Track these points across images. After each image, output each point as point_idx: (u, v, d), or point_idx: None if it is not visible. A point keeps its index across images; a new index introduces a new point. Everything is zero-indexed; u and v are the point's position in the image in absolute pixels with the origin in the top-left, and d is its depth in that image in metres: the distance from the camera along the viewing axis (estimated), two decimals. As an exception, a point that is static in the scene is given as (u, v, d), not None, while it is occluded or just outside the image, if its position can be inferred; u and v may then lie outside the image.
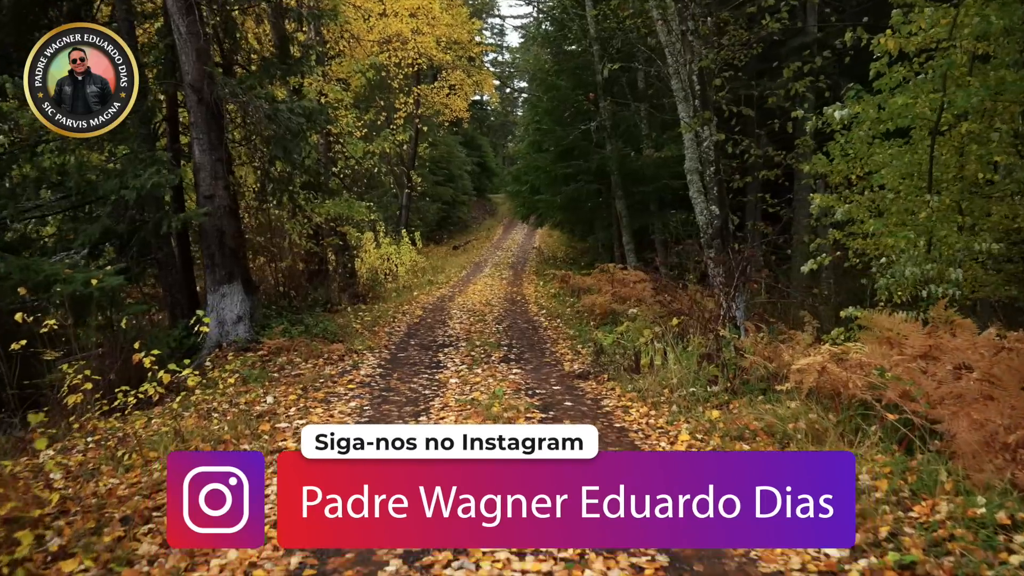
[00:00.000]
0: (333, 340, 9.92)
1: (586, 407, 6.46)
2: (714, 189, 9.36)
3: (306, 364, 8.38)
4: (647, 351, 7.91)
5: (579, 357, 8.93)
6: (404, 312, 13.50)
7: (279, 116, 9.08)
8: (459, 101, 30.10)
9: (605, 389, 7.10)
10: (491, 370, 8.03)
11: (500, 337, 10.51)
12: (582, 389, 7.19)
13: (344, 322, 11.56)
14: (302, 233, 12.47)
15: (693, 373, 6.90)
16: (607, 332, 10.43)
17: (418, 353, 9.23)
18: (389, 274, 18.47)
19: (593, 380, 7.57)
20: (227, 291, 9.12)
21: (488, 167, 50.76)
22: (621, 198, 20.00)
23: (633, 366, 7.57)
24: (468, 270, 24.45)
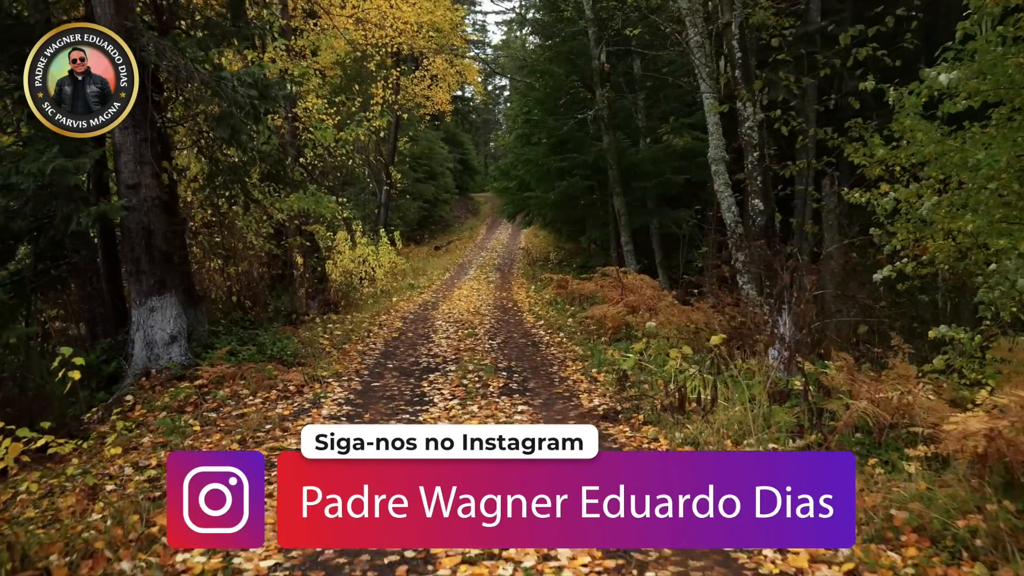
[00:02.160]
0: (292, 363, 8.12)
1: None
2: (757, 179, 7.69)
3: (254, 399, 6.59)
4: (691, 382, 6.21)
5: (597, 386, 7.22)
6: (381, 324, 11.71)
7: (223, 87, 7.26)
8: (441, 93, 28.31)
9: (645, 439, 5.39)
10: (490, 407, 6.29)
11: (496, 357, 8.77)
12: (614, 437, 5.47)
13: (310, 337, 9.76)
14: (261, 232, 10.64)
15: (762, 417, 5.22)
16: (623, 350, 8.74)
17: (397, 381, 7.46)
18: (365, 278, 16.64)
19: (624, 423, 5.85)
20: (157, 304, 7.30)
21: (470, 165, 49.16)
22: (620, 194, 18.34)
23: (675, 404, 5.86)
24: (452, 272, 22.69)
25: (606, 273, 14.14)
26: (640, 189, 18.80)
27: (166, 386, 6.89)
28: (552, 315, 12.53)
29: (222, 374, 7.08)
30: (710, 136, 10.20)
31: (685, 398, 5.82)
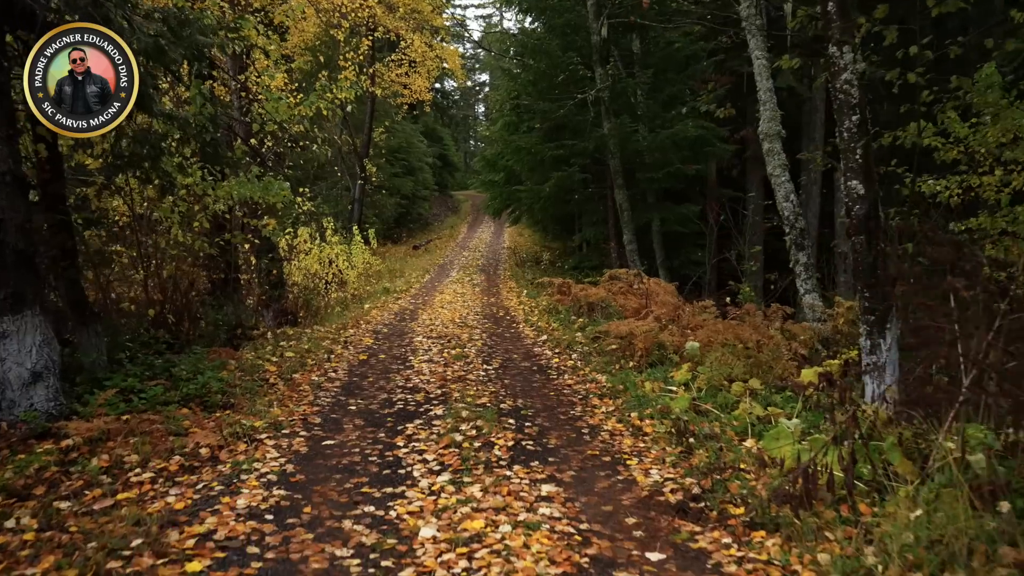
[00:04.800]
0: (217, 405, 5.89)
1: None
2: (857, 153, 5.60)
3: (141, 473, 4.36)
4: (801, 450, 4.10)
5: (646, 443, 5.07)
6: (347, 340, 9.48)
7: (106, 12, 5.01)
8: (420, 80, 26.03)
9: (764, 561, 3.24)
10: (500, 489, 4.12)
11: (496, 391, 6.60)
12: (708, 555, 3.32)
13: (253, 361, 7.54)
14: (192, 227, 8.37)
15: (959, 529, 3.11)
16: (661, 380, 6.62)
17: (360, 436, 5.25)
18: (333, 282, 14.37)
19: (716, 522, 3.70)
20: (11, 328, 5.04)
21: (450, 161, 47.02)
22: (622, 187, 16.22)
23: (797, 491, 3.72)
24: (432, 274, 20.46)
25: (615, 276, 12.05)
26: (645, 181, 16.72)
27: (17, 450, 4.65)
28: (555, 328, 10.38)
29: (104, 430, 4.84)
30: (762, 106, 8.13)
31: (808, 482, 3.69)
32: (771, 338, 7.59)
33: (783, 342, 7.45)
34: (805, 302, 7.71)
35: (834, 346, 7.46)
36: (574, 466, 4.58)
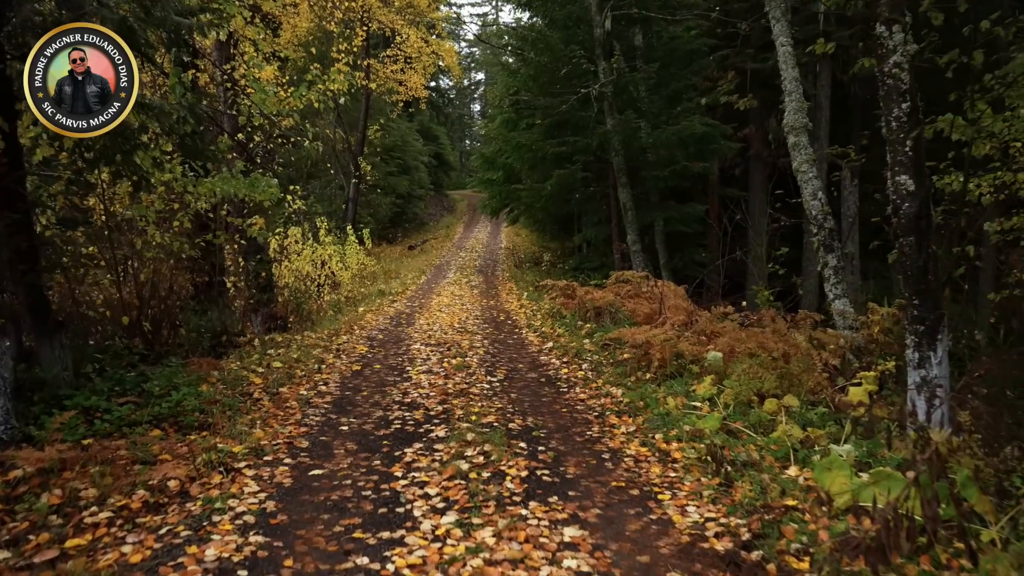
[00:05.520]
0: (194, 425, 5.28)
1: None
2: (907, 145, 5.02)
3: (99, 512, 3.75)
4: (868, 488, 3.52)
5: (676, 471, 4.48)
6: (340, 348, 8.87)
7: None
8: (416, 76, 25.41)
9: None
10: (513, 529, 3.53)
11: (503, 408, 6.00)
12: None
13: (238, 372, 6.93)
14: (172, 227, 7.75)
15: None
16: (683, 395, 6.04)
17: (352, 464, 4.64)
18: (325, 284, 13.75)
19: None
20: (-46, 342, 4.43)
21: (446, 160, 46.35)
22: (626, 185, 15.62)
23: (867, 541, 3.13)
24: (428, 275, 19.84)
25: (624, 279, 11.46)
26: (651, 179, 16.12)
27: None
28: (561, 334, 9.79)
29: (59, 459, 4.23)
30: (787, 96, 7.54)
31: (896, 529, 3.10)
32: (797, 347, 7.02)
33: (813, 352, 6.88)
34: (835, 308, 7.14)
35: (867, 356, 6.88)
36: (598, 502, 3.98)
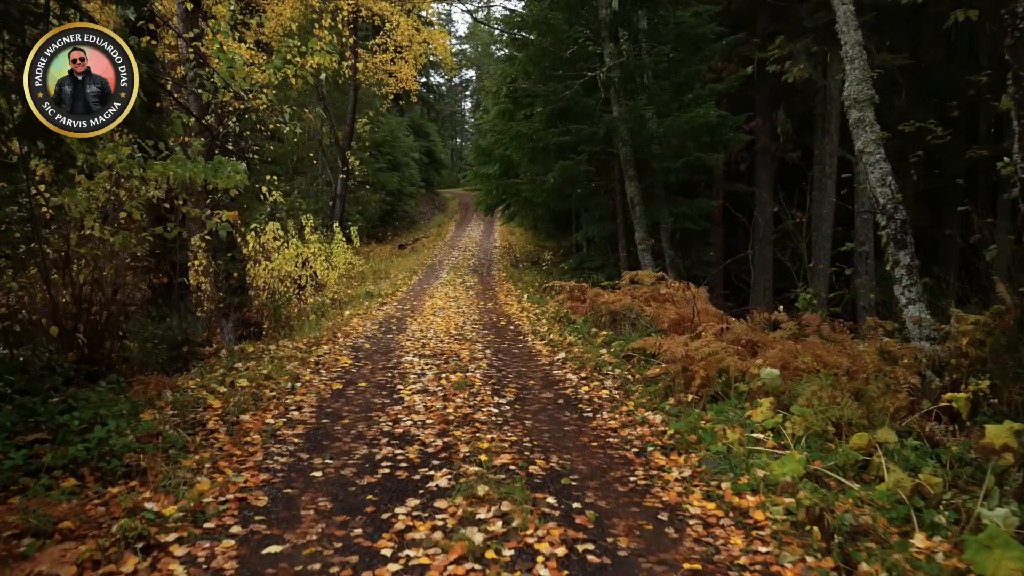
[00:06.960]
0: (117, 474, 4.06)
1: None
2: None
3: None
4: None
5: (768, 543, 3.30)
6: (319, 361, 7.64)
7: None
8: (407, 68, 24.18)
9: None
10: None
11: (520, 443, 4.80)
12: None
13: (194, 390, 5.72)
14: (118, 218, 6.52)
15: None
16: (740, 424, 4.87)
17: (323, 537, 3.42)
18: (307, 285, 12.51)
19: None
20: None
21: (437, 158, 45.14)
22: (633, 179, 14.42)
23: None
24: (420, 275, 18.63)
25: (638, 280, 10.29)
26: (661, 172, 14.97)
27: None
28: (572, 342, 8.60)
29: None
30: (848, 64, 6.37)
31: None
32: (863, 361, 5.87)
33: (886, 368, 5.72)
34: (909, 315, 6.00)
35: (951, 373, 5.73)
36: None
